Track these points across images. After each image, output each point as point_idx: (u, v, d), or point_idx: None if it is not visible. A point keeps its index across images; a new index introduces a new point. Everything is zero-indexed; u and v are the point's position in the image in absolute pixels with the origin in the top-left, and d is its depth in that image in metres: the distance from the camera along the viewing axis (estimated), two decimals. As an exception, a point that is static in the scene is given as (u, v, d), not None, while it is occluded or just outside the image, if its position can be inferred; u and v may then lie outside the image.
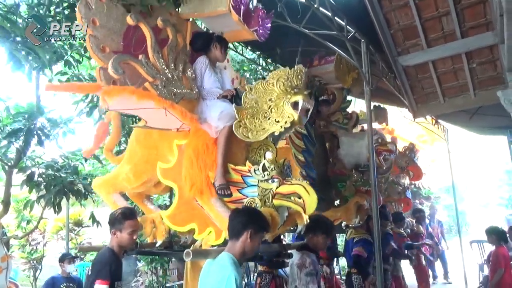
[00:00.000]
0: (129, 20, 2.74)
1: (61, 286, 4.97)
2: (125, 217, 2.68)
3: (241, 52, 6.00)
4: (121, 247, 2.73)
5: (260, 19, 3.45)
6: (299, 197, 2.70)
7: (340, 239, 8.11)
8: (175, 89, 2.93)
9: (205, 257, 2.40)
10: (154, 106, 2.71)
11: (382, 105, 6.60)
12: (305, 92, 2.75)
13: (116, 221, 2.69)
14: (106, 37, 2.69)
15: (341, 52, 4.46)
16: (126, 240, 2.68)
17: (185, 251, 2.19)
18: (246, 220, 2.28)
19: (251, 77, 6.72)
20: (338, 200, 4.97)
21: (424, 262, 6.89)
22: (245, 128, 2.84)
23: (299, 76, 2.78)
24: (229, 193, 2.81)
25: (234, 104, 2.96)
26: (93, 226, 5.81)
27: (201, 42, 3.34)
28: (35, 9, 4.00)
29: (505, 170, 21.13)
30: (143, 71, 2.76)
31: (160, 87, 2.81)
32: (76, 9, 2.59)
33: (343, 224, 5.13)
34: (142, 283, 8.01)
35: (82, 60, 4.78)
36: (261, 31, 3.50)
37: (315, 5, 3.75)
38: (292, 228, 3.35)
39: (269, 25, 3.61)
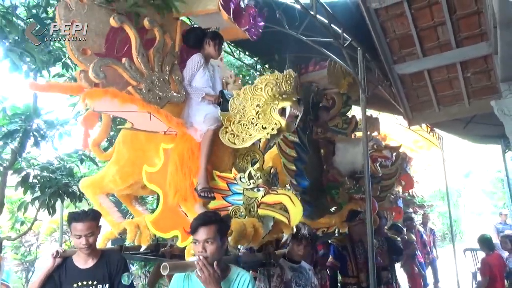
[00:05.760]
0: (113, 22, 2.65)
1: None
2: (71, 219, 2.53)
3: (238, 57, 6.03)
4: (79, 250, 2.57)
5: (251, 18, 3.34)
6: (285, 207, 2.61)
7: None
8: (160, 93, 2.84)
9: (184, 270, 2.14)
10: (138, 110, 2.63)
11: (375, 115, 6.59)
12: (294, 98, 2.62)
13: (67, 222, 2.58)
14: (88, 39, 2.57)
15: (337, 59, 4.50)
16: (76, 243, 2.52)
17: (162, 265, 2.00)
18: None
19: (249, 82, 6.72)
20: (335, 207, 4.88)
21: (416, 270, 6.91)
22: (231, 134, 2.75)
23: (289, 81, 2.67)
24: (212, 196, 2.71)
25: (219, 108, 2.88)
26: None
27: (194, 38, 3.21)
28: (33, 10, 4.00)
29: (499, 178, 21.22)
30: (126, 75, 2.67)
31: (144, 91, 2.72)
32: (56, 11, 2.50)
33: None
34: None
35: (80, 62, 4.77)
36: (252, 30, 3.38)
37: (312, 13, 3.78)
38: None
39: (261, 23, 3.48)
